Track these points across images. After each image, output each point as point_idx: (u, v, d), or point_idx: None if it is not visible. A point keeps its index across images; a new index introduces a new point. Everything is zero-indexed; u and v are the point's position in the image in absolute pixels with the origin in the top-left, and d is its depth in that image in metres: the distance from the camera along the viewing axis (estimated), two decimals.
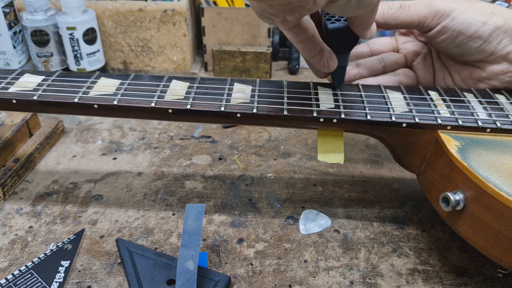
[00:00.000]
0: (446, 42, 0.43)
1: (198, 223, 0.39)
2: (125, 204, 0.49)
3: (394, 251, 0.43)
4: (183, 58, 0.76)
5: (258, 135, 0.61)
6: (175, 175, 0.53)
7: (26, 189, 0.51)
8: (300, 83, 0.44)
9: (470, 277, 0.40)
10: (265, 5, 0.32)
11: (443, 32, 0.42)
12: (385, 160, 0.56)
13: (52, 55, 0.70)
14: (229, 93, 0.42)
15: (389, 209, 0.48)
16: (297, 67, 0.78)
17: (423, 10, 0.42)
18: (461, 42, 0.42)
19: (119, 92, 0.42)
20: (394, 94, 0.43)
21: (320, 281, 0.40)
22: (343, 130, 0.42)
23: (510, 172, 0.34)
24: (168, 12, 0.71)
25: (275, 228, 0.46)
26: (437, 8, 0.42)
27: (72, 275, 0.40)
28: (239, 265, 0.41)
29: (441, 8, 0.41)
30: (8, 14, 0.65)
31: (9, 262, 0.41)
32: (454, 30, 0.42)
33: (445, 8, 0.41)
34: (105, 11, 0.72)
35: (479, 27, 0.41)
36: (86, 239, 0.44)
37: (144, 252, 0.41)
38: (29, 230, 0.45)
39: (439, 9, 0.42)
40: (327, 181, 0.53)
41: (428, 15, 0.42)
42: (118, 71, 0.77)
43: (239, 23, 0.73)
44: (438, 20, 0.42)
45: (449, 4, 0.42)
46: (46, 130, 0.58)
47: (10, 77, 0.44)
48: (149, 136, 0.61)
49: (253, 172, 0.54)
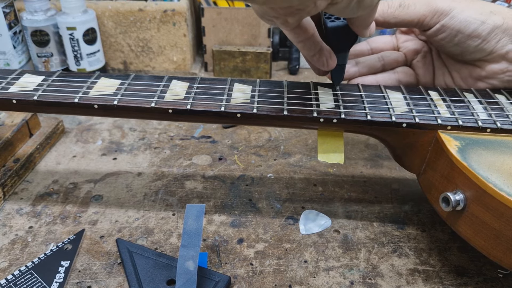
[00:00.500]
0: (445, 40, 0.43)
1: (198, 223, 0.39)
2: (125, 204, 0.49)
3: (394, 251, 0.43)
4: (183, 58, 0.76)
5: (258, 135, 0.61)
6: (175, 175, 0.53)
7: (26, 189, 0.51)
8: (300, 83, 0.44)
9: (470, 277, 0.40)
10: (267, 8, 0.32)
11: (442, 31, 0.42)
12: (385, 160, 0.56)
13: (52, 55, 0.70)
14: (229, 93, 0.42)
15: (389, 209, 0.48)
16: (297, 67, 0.78)
17: (422, 8, 0.42)
18: (460, 40, 0.42)
19: (119, 92, 0.42)
20: (394, 94, 0.43)
21: (320, 281, 0.40)
22: (343, 130, 0.42)
23: (510, 172, 0.34)
24: (168, 12, 0.71)
25: (275, 228, 0.46)
26: (436, 6, 0.42)
27: (72, 275, 0.40)
28: (239, 265, 0.41)
29: (441, 7, 0.42)
30: (8, 14, 0.65)
31: (9, 262, 0.41)
32: (453, 28, 0.42)
33: (444, 7, 0.42)
34: (105, 11, 0.72)
35: (478, 26, 0.41)
36: (86, 239, 0.44)
37: (144, 252, 0.41)
38: (29, 230, 0.45)
39: (438, 7, 0.42)
40: (327, 181, 0.53)
41: (428, 14, 0.42)
42: (118, 71, 0.77)
43: (239, 23, 0.73)
44: (437, 19, 0.42)
45: (449, 3, 0.42)
46: (46, 130, 0.58)
47: (10, 77, 0.44)
48: (149, 136, 0.61)
49: (253, 172, 0.54)
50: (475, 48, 0.42)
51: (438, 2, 0.42)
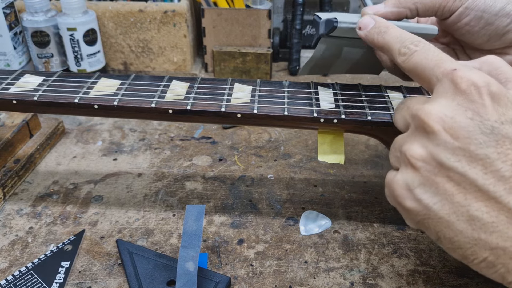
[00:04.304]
0: (470, 25, 0.40)
1: (198, 224, 0.39)
2: (126, 205, 0.49)
3: (394, 252, 0.43)
4: (183, 59, 0.76)
5: (259, 136, 0.61)
6: (175, 176, 0.53)
7: (27, 190, 0.51)
8: (301, 83, 0.44)
9: (470, 278, 0.40)
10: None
11: (466, 14, 0.40)
12: (385, 160, 0.56)
13: (52, 56, 0.70)
14: (229, 93, 0.42)
15: (389, 210, 0.48)
16: (297, 68, 0.78)
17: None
18: (487, 22, 0.39)
19: (119, 93, 0.42)
20: (395, 94, 0.43)
21: (320, 282, 0.40)
22: (344, 131, 0.42)
23: None
24: (168, 13, 0.71)
25: (276, 229, 0.46)
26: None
27: (72, 276, 0.40)
28: (240, 266, 0.41)
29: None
30: (8, 15, 0.65)
31: (9, 263, 0.41)
32: (478, 9, 0.39)
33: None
34: (106, 12, 0.72)
35: (505, 4, 0.38)
36: (86, 240, 0.44)
37: (144, 253, 0.41)
38: (29, 231, 0.45)
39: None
40: (328, 182, 0.52)
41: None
42: (118, 72, 0.77)
43: (239, 24, 0.73)
44: (460, 2, 0.39)
45: None
46: (46, 131, 0.58)
47: (11, 77, 0.44)
48: (149, 137, 0.61)
49: (253, 173, 0.54)
50: (504, 28, 0.39)
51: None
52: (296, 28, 0.75)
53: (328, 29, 0.38)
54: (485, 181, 0.27)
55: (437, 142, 0.28)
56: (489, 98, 0.28)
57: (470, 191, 0.27)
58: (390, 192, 0.31)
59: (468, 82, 0.28)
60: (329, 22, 0.38)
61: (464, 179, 0.27)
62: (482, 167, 0.27)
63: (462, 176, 0.27)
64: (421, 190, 0.29)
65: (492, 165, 0.27)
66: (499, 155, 0.27)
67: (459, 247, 0.28)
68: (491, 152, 0.27)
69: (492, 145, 0.27)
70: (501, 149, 0.27)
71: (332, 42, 0.41)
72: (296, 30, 0.75)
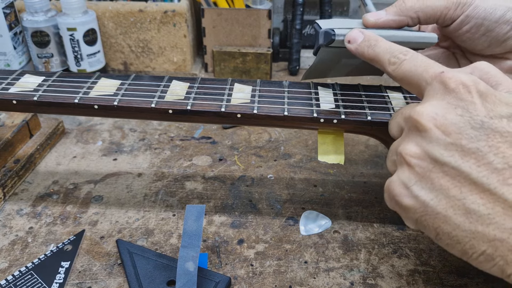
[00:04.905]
0: (471, 32, 0.41)
1: (198, 224, 0.39)
2: (126, 205, 0.49)
3: (394, 252, 0.43)
4: (183, 59, 0.76)
5: (258, 136, 0.61)
6: (175, 176, 0.53)
7: (27, 190, 0.51)
8: (301, 84, 0.44)
9: (470, 278, 0.40)
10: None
11: (466, 22, 0.40)
12: (385, 160, 0.56)
13: (52, 56, 0.70)
14: (229, 93, 0.42)
15: (389, 210, 0.48)
16: (297, 68, 0.78)
17: (443, 1, 0.40)
18: (488, 29, 0.40)
19: (119, 93, 0.42)
20: (395, 94, 0.43)
21: (320, 282, 0.40)
22: (344, 131, 0.42)
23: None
24: (168, 13, 0.71)
25: (276, 229, 0.46)
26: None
27: (72, 276, 0.40)
28: (240, 266, 0.41)
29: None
30: (8, 15, 0.65)
31: (9, 263, 0.41)
32: (478, 17, 0.40)
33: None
34: (106, 12, 0.72)
35: (505, 11, 0.39)
36: (86, 240, 0.44)
37: (144, 253, 0.41)
38: (29, 231, 0.45)
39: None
40: (328, 182, 0.52)
41: (450, 6, 0.40)
42: (118, 72, 0.77)
43: (239, 24, 0.73)
44: (461, 10, 0.40)
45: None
46: (46, 131, 0.58)
47: (11, 77, 0.44)
48: (149, 137, 0.61)
49: (253, 173, 0.54)
50: (504, 35, 0.40)
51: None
52: (296, 28, 0.75)
53: (327, 41, 0.39)
54: (479, 174, 0.27)
55: (430, 139, 0.29)
56: (478, 96, 0.29)
57: (465, 184, 0.28)
58: (388, 194, 0.32)
59: (456, 81, 0.29)
60: (327, 34, 0.39)
61: (458, 173, 0.28)
62: (475, 161, 0.27)
63: (456, 170, 0.28)
64: (417, 187, 0.29)
65: (484, 158, 0.27)
66: (490, 148, 0.27)
67: (457, 242, 0.29)
68: (483, 146, 0.27)
69: (483, 139, 0.28)
70: (492, 142, 0.27)
71: (332, 51, 0.41)
72: (296, 30, 0.75)
